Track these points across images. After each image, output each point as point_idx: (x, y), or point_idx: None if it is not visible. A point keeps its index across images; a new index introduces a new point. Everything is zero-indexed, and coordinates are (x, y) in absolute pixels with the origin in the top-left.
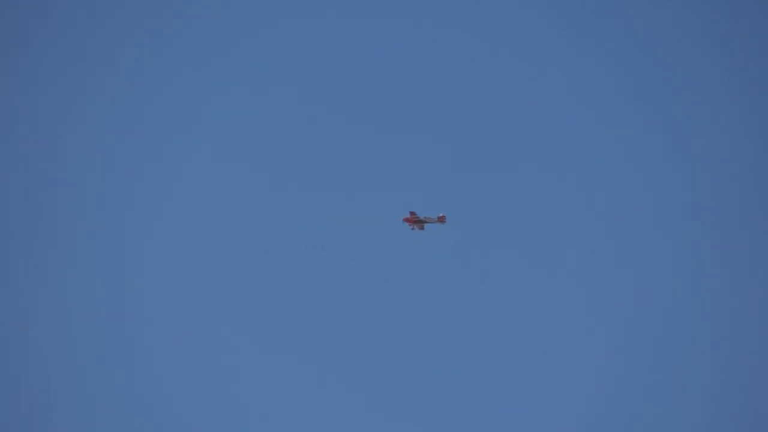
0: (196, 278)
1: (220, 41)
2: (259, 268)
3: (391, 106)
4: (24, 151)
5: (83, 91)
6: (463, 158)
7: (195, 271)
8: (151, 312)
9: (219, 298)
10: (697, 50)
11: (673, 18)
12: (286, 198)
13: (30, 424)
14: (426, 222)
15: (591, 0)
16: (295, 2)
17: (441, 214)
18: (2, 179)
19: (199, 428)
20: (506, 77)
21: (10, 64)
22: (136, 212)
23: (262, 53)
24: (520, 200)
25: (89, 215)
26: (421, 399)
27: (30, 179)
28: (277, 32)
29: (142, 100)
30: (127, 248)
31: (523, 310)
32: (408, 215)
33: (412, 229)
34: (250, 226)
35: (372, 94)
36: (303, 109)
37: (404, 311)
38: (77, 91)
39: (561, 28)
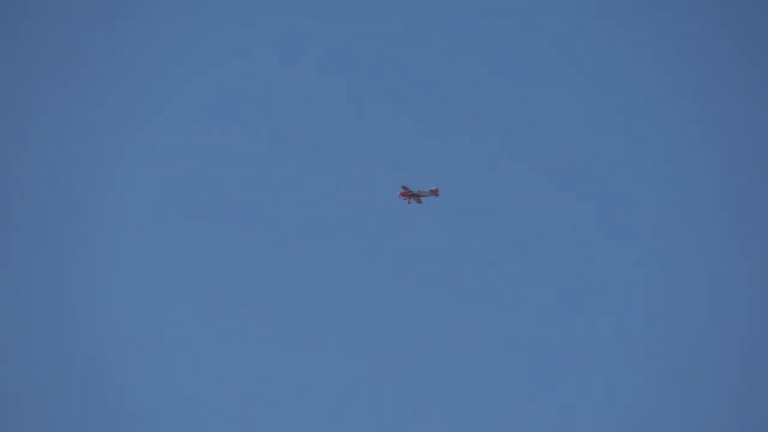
0: (191, 275)
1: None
2: (256, 264)
3: (396, 103)
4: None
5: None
6: (474, 155)
7: (190, 268)
8: (140, 311)
9: (216, 295)
10: (716, 44)
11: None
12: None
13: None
14: (420, 195)
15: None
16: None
17: (434, 187)
18: None
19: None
20: (517, 74)
21: None
22: (125, 209)
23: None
24: (527, 201)
25: (74, 212)
26: (424, 398)
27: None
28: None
29: (133, 95)
30: (117, 245)
31: (527, 311)
32: (401, 190)
33: (408, 203)
34: (244, 222)
35: (373, 92)
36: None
37: (408, 310)
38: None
39: (576, 25)
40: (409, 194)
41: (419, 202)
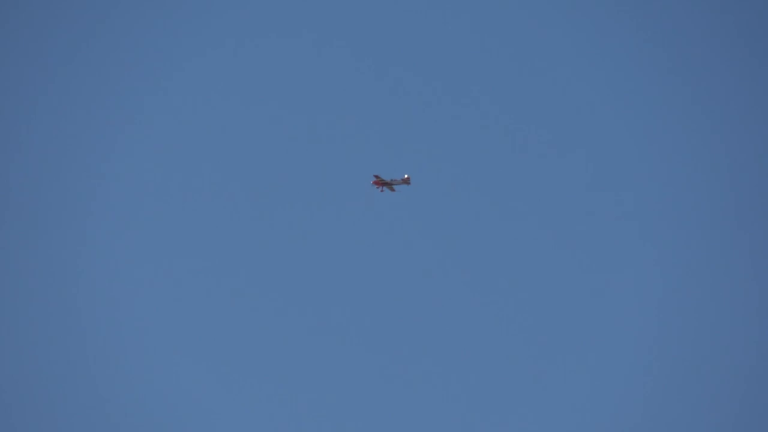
0: (191, 275)
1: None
2: (256, 263)
3: (395, 101)
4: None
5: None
6: (481, 149)
7: (186, 264)
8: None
9: (215, 295)
10: (716, 44)
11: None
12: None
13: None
14: (393, 183)
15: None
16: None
17: (406, 176)
18: None
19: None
20: (521, 71)
21: None
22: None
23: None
24: (527, 199)
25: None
26: (424, 398)
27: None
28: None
29: (131, 95)
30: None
31: (527, 311)
32: (374, 179)
33: (381, 190)
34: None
35: (372, 93)
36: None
37: (407, 311)
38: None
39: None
40: (382, 182)
41: (392, 190)
